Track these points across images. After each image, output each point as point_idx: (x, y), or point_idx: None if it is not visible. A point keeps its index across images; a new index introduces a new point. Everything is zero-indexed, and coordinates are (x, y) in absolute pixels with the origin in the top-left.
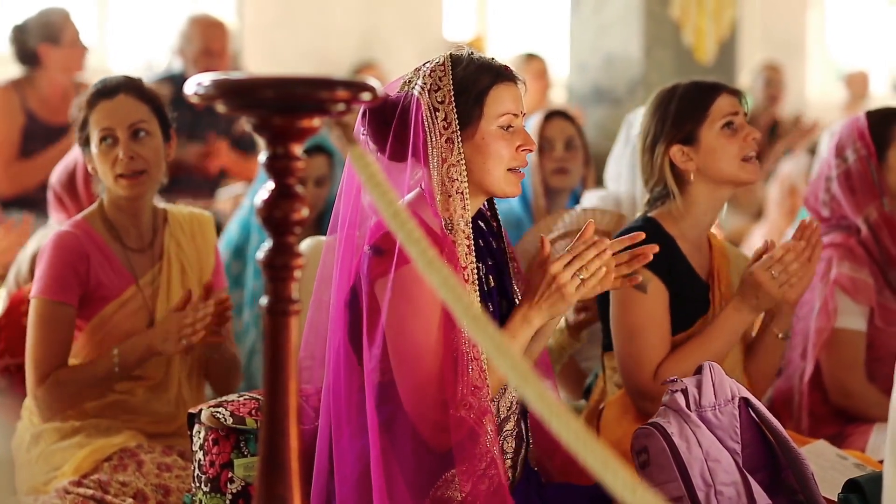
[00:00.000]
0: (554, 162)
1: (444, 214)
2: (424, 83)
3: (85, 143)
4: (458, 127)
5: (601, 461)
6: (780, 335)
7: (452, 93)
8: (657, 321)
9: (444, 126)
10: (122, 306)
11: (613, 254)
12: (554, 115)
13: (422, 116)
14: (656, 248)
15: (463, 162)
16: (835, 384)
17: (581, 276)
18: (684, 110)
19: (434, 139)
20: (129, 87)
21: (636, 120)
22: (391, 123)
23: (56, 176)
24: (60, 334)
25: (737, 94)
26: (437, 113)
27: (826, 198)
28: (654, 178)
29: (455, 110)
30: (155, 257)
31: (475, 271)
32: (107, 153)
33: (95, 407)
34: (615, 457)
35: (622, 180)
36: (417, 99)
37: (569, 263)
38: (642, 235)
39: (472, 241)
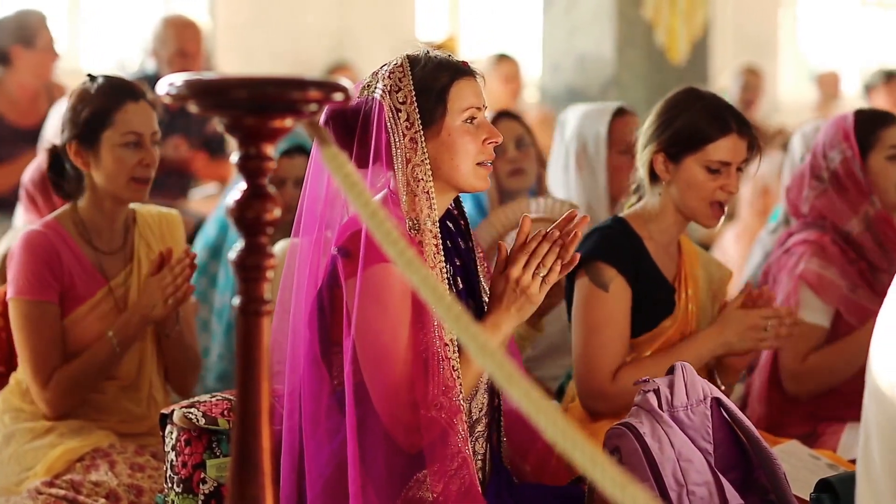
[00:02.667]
0: (508, 163)
1: (410, 215)
2: (385, 85)
3: (88, 136)
4: (422, 126)
5: (590, 458)
6: (723, 387)
7: (413, 93)
8: (617, 321)
9: (406, 126)
10: (94, 308)
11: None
12: (500, 116)
13: (384, 118)
14: (587, 219)
15: (427, 161)
16: (786, 371)
17: (541, 274)
18: (686, 131)
19: (397, 140)
20: (145, 93)
21: (566, 122)
22: (354, 129)
23: (28, 175)
24: (49, 333)
25: (749, 139)
26: (400, 114)
27: (811, 194)
28: (640, 163)
29: (417, 110)
30: (126, 259)
31: (444, 272)
32: (129, 156)
33: None
34: (603, 454)
35: (568, 186)
36: (379, 102)
37: (526, 264)
38: (575, 213)
39: (440, 241)
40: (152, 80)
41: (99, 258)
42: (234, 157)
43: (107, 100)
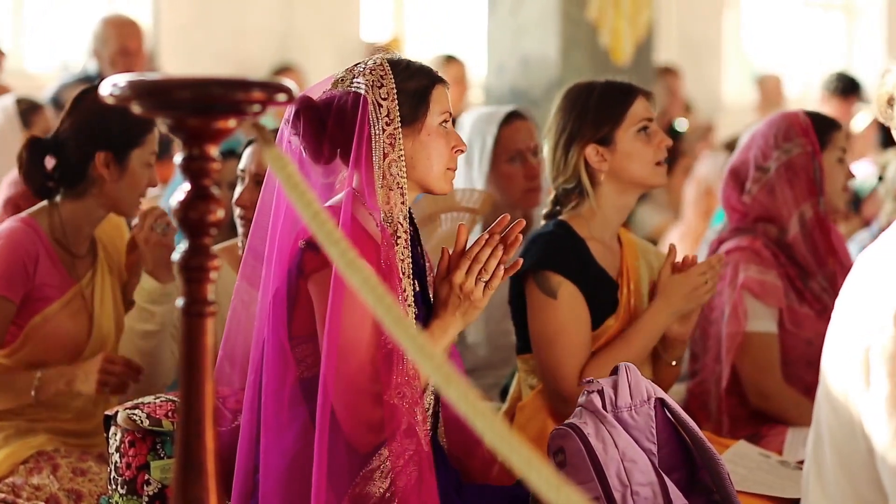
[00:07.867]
0: None
1: (383, 208)
2: (367, 80)
3: (120, 150)
4: (400, 123)
5: (525, 460)
6: (673, 363)
7: (395, 91)
8: (574, 325)
9: (386, 122)
10: (65, 305)
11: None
12: None
13: (367, 112)
14: (523, 224)
15: (403, 158)
16: (752, 387)
17: (483, 280)
18: (603, 111)
19: (377, 134)
20: None
21: (463, 126)
22: (326, 122)
23: None
24: None
25: (649, 97)
26: (381, 109)
27: (754, 187)
28: (565, 175)
29: (398, 107)
30: (92, 261)
31: (410, 266)
32: (146, 175)
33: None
34: (539, 456)
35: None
36: (362, 96)
37: (469, 270)
38: (507, 218)
39: (409, 235)
40: (95, 80)
41: (71, 260)
42: (178, 157)
43: (143, 119)
